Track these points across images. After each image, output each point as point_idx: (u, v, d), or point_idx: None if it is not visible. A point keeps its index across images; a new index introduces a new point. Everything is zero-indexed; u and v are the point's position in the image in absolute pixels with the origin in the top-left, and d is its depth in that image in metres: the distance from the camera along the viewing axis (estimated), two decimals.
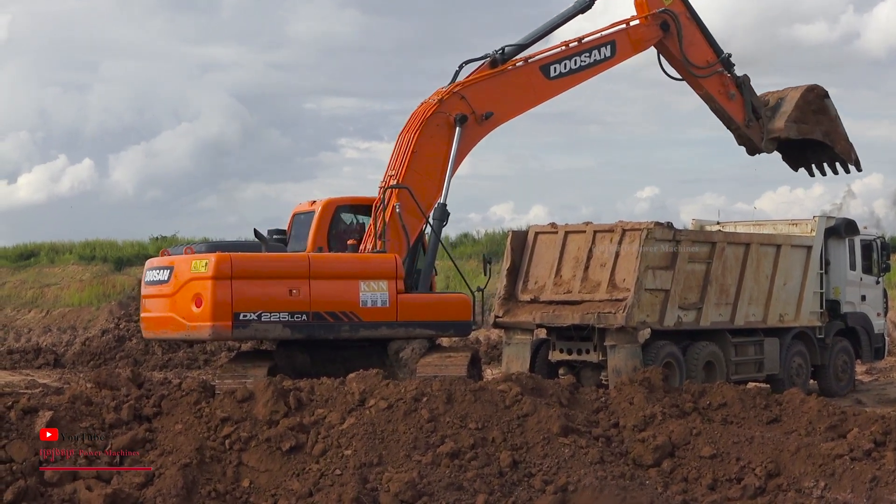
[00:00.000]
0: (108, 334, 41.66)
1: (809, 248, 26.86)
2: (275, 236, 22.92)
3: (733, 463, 15.85)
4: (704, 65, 24.81)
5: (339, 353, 22.05)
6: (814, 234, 27.38)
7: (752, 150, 26.82)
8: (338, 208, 23.10)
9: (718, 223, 28.87)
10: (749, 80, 25.35)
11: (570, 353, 23.55)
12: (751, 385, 21.85)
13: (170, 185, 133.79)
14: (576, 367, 23.56)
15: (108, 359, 38.82)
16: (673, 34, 24.18)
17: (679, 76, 25.82)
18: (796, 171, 28.50)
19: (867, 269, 29.27)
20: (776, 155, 27.26)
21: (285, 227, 23.77)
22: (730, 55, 25.12)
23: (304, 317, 20.75)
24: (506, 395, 16.50)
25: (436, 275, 23.45)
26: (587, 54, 23.54)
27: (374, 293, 20.68)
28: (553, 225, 24.92)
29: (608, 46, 23.80)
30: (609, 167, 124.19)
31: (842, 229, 28.35)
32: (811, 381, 27.71)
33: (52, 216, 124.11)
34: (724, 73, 25.08)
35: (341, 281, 21.00)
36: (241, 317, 20.49)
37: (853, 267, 28.76)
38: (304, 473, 14.93)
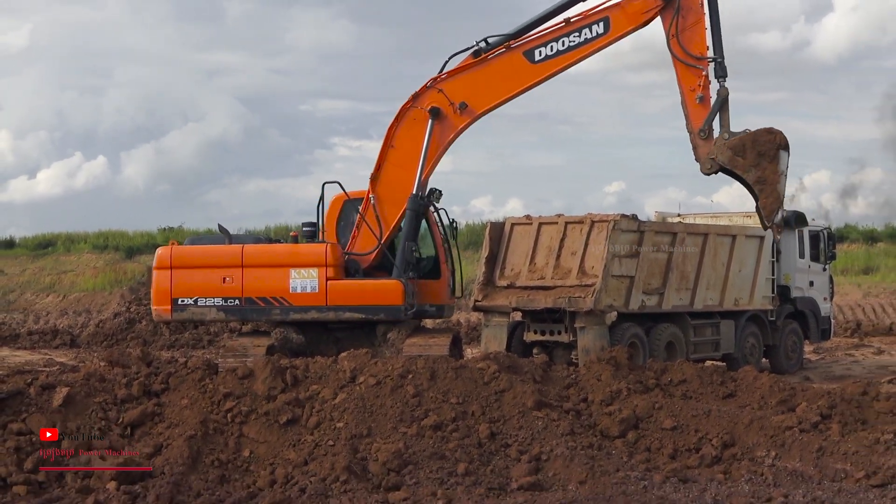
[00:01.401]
0: (120, 317, 41.56)
1: (762, 238, 26.88)
2: (305, 228, 23.07)
3: (692, 434, 15.88)
4: (695, 54, 20.91)
5: (332, 335, 22.08)
6: None
7: (697, 160, 22.39)
8: (346, 203, 23.04)
9: (679, 215, 28.84)
10: (728, 97, 21.09)
11: (543, 334, 23.55)
12: (708, 363, 21.89)
13: (177, 180, 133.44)
14: (548, 346, 23.56)
15: (119, 339, 38.74)
16: (674, 8, 20.84)
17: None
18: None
19: (815, 258, 29.35)
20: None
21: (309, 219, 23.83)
22: (724, 64, 21.02)
23: (237, 301, 21.55)
24: (484, 373, 16.50)
25: (419, 257, 22.69)
26: (576, 33, 21.23)
27: (305, 280, 21.12)
28: (528, 217, 24.87)
29: (600, 23, 21.18)
30: (580, 164, 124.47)
31: (792, 221, 28.39)
32: (763, 359, 27.76)
33: (69, 208, 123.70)
34: (704, 74, 21.00)
35: (273, 269, 21.54)
36: (179, 301, 21.71)
37: (802, 255, 28.84)
38: (300, 444, 14.92)
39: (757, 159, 20.08)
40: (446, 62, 22.17)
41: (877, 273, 62.13)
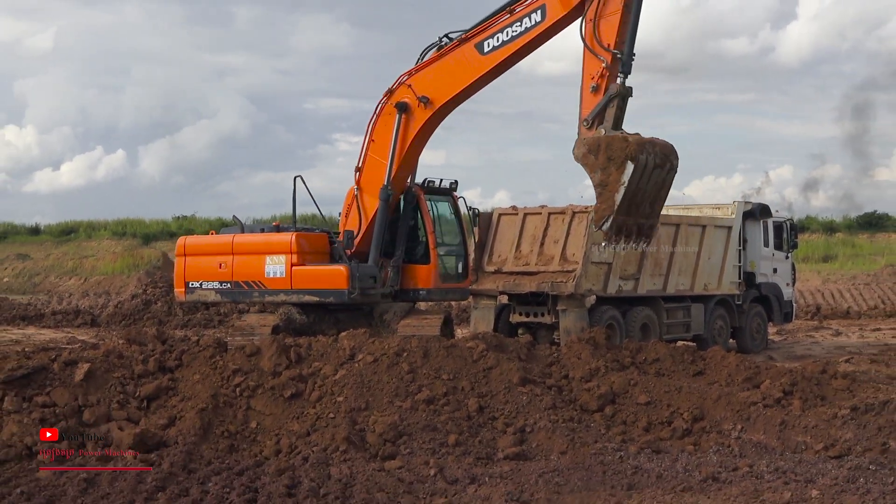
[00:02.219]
0: (137, 298, 41.51)
1: (730, 228, 26.94)
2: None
3: (664, 409, 15.88)
4: (602, 43, 18.94)
5: (333, 315, 22.08)
6: (734, 216, 27.48)
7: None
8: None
9: None
10: (627, 97, 18.99)
11: (527, 315, 23.58)
12: (680, 343, 21.93)
13: (190, 173, 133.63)
14: (532, 327, 23.59)
15: (136, 319, 38.70)
16: None
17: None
18: None
19: (778, 246, 29.42)
20: (705, 148, 26.20)
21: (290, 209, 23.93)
22: (630, 59, 19.07)
23: (229, 285, 21.97)
24: (473, 351, 16.48)
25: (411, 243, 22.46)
26: (518, 23, 20.16)
27: (276, 266, 21.45)
28: (514, 208, 24.89)
29: (538, 11, 20.00)
30: (563, 159, 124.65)
31: (757, 212, 28.49)
32: (730, 340, 27.82)
33: (90, 198, 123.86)
34: (604, 66, 18.83)
35: (253, 256, 21.86)
36: (190, 285, 22.29)
37: (766, 244, 28.91)
38: (303, 416, 14.91)
39: (606, 163, 17.96)
40: (419, 57, 21.64)
41: (835, 261, 62.43)
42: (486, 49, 20.50)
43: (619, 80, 18.94)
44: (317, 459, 13.65)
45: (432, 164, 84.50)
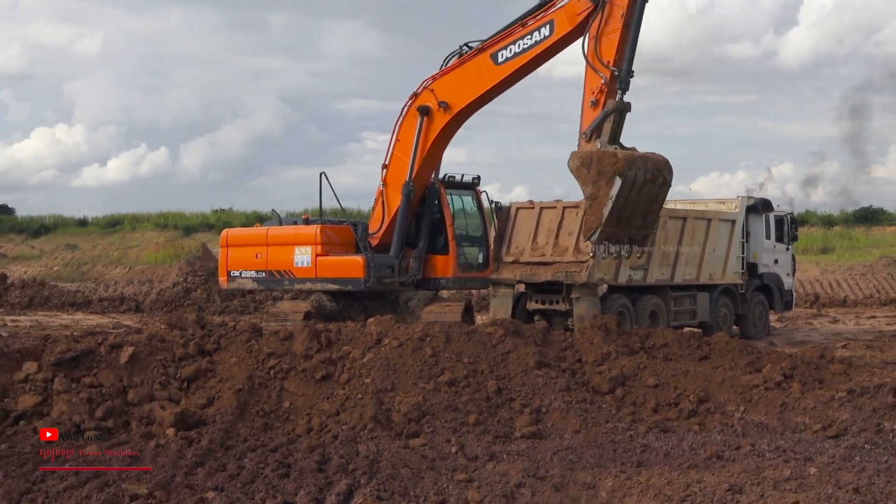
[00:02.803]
0: (178, 286, 41.64)
1: (734, 221, 26.86)
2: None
3: (672, 391, 15.85)
4: (602, 60, 18.72)
5: (361, 303, 22.12)
6: (737, 210, 27.40)
7: None
8: None
9: None
10: (624, 112, 18.63)
11: (543, 303, 23.56)
12: (686, 330, 21.85)
13: (228, 169, 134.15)
14: (548, 314, 23.56)
15: (177, 305, 38.85)
16: (601, 12, 18.82)
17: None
18: None
19: (779, 239, 29.35)
20: (709, 146, 26.11)
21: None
22: (629, 76, 18.76)
23: (263, 273, 22.14)
24: (492, 336, 16.48)
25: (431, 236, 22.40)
26: (529, 36, 19.92)
27: (303, 256, 21.59)
28: (531, 202, 24.86)
29: (547, 26, 19.79)
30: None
31: (759, 207, 28.41)
32: (734, 326, 27.75)
33: (135, 192, 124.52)
34: (603, 81, 18.59)
35: (284, 247, 21.94)
36: (231, 273, 22.46)
37: (768, 237, 28.83)
38: (333, 397, 14.94)
39: (597, 177, 17.59)
40: (443, 63, 21.53)
41: (833, 253, 62.26)
42: (500, 59, 20.40)
43: (617, 96, 18.70)
44: (346, 437, 13.68)
45: (455, 160, 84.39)
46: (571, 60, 24.53)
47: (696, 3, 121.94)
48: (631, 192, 17.43)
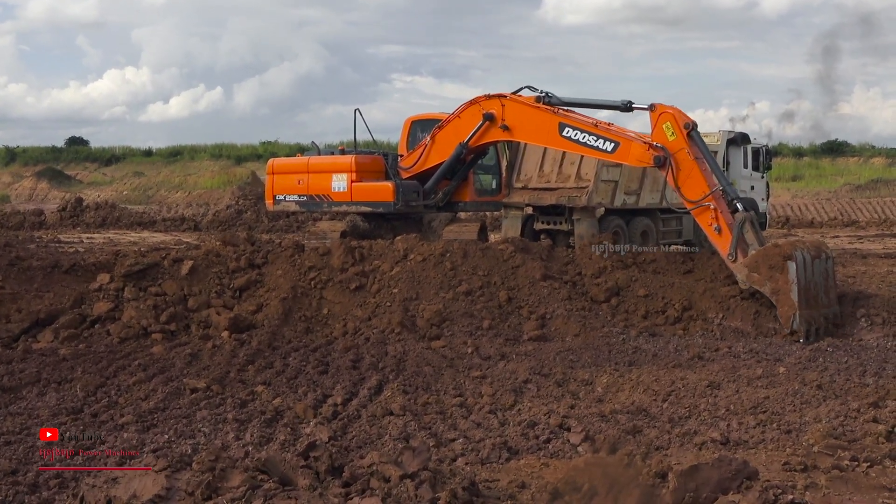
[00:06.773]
0: (231, 208, 41.75)
1: (715, 152, 26.60)
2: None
3: (660, 300, 15.85)
4: (699, 198, 16.68)
5: (390, 223, 22.08)
6: (719, 143, 27.13)
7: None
8: (413, 123, 22.88)
9: None
10: (747, 220, 16.36)
11: (548, 224, 23.46)
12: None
13: (275, 105, 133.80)
14: (552, 233, 23.46)
15: (230, 225, 38.97)
16: (669, 166, 17.00)
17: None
18: None
19: (756, 168, 29.04)
20: (696, 86, 25.62)
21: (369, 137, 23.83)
22: (724, 188, 16.65)
23: (305, 197, 21.71)
24: (504, 252, 16.47)
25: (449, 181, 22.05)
26: (594, 137, 18.31)
27: (340, 182, 21.24)
28: None
29: (612, 143, 18.11)
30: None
31: (738, 140, 28.10)
32: None
33: (193, 126, 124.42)
34: (713, 208, 16.53)
35: (323, 174, 21.62)
36: (276, 198, 21.99)
37: (746, 166, 28.53)
38: (365, 304, 14.99)
39: (770, 272, 15.62)
40: (521, 88, 20.04)
41: (802, 180, 61.95)
42: (564, 133, 18.87)
43: (737, 207, 16.59)
44: (376, 339, 13.76)
45: (469, 98, 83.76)
46: (578, 9, 24.03)
47: None
48: (806, 271, 16.00)
